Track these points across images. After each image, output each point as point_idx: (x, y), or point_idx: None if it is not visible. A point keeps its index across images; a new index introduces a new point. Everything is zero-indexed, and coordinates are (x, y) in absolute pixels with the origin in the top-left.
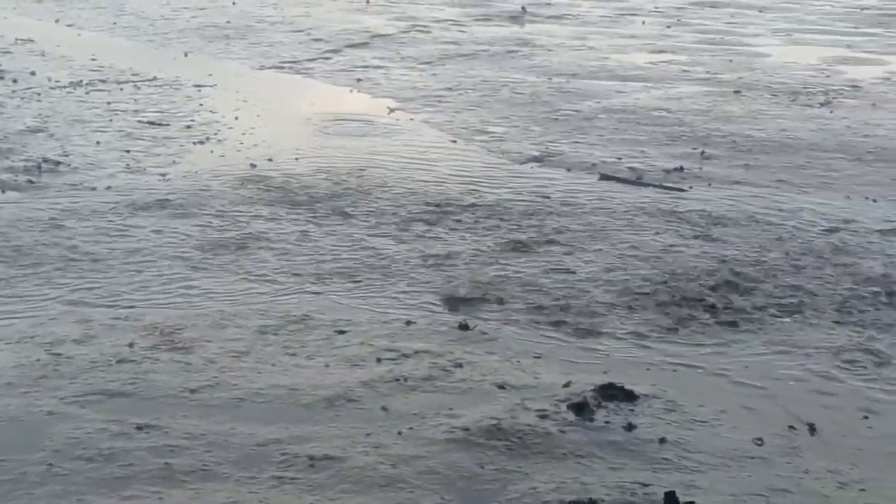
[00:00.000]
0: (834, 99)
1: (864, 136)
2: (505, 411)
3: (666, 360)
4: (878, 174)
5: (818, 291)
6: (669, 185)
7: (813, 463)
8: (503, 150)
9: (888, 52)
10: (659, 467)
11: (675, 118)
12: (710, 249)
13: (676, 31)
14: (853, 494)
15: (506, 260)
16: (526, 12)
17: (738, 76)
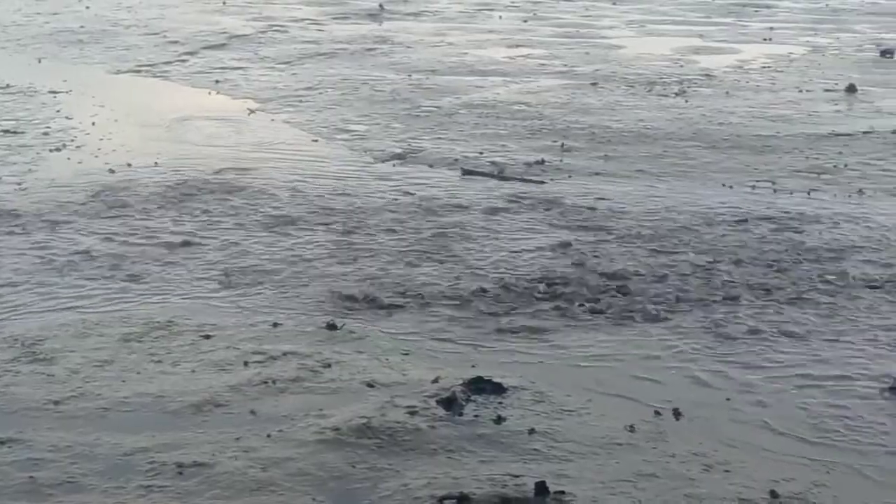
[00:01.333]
0: (688, 88)
1: (718, 124)
2: (375, 409)
3: (534, 353)
4: (732, 161)
5: (682, 281)
6: (531, 177)
7: (679, 447)
8: (365, 148)
9: (739, 41)
10: (529, 458)
11: (534, 112)
12: (577, 243)
13: (533, 24)
14: (718, 476)
15: (376, 260)
16: (384, 10)
17: (595, 68)
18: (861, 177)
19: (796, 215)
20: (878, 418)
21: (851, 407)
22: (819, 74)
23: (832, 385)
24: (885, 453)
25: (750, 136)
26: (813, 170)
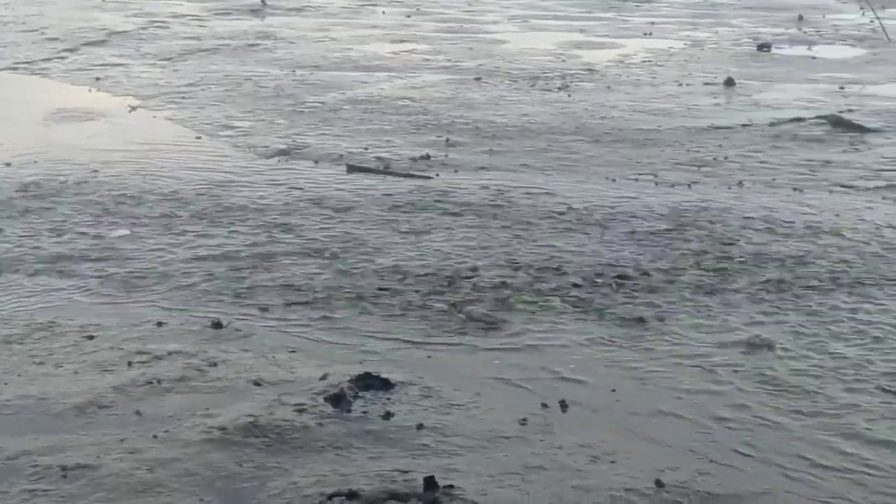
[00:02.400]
0: (571, 83)
1: (601, 119)
2: (262, 408)
3: (421, 348)
4: (615, 154)
5: (570, 274)
6: (417, 173)
7: (566, 439)
8: (249, 145)
9: (620, 36)
10: (418, 453)
11: (419, 107)
12: (466, 238)
13: (416, 20)
14: (605, 467)
15: (264, 256)
16: (266, 5)
17: (479, 63)
18: (741, 169)
19: (681, 207)
20: (761, 397)
21: (731, 394)
22: (698, 68)
23: (712, 373)
24: (762, 447)
25: (632, 129)
26: (694, 162)
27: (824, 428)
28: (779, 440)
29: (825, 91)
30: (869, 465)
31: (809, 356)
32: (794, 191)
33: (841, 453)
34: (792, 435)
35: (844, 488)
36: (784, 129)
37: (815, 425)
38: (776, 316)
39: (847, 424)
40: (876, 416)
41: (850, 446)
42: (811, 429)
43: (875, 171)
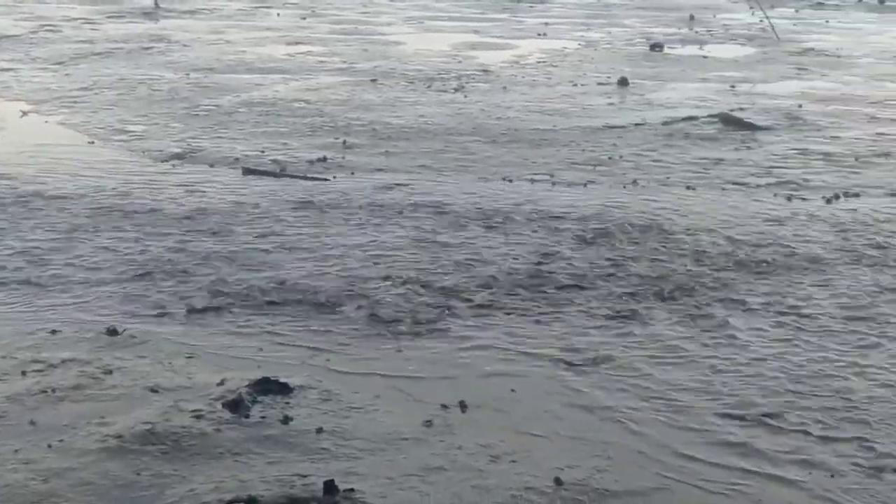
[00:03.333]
0: (467, 84)
1: (497, 119)
2: (159, 415)
3: (319, 352)
4: (511, 154)
5: (473, 277)
6: (314, 175)
7: (466, 439)
8: (144, 149)
9: (515, 37)
10: (317, 457)
11: (315, 109)
12: (362, 239)
13: (311, 22)
14: (504, 467)
15: (161, 262)
16: (159, 8)
17: (375, 65)
18: (635, 167)
19: (570, 206)
20: (650, 403)
21: (614, 391)
22: (592, 68)
23: (606, 371)
24: (657, 443)
25: (528, 129)
26: (589, 162)
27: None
28: (674, 437)
29: (717, 90)
30: (760, 458)
31: (700, 352)
32: (688, 189)
33: (730, 446)
34: (686, 431)
35: (738, 481)
36: (677, 128)
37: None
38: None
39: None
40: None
41: (739, 441)
42: (704, 425)
43: (766, 169)
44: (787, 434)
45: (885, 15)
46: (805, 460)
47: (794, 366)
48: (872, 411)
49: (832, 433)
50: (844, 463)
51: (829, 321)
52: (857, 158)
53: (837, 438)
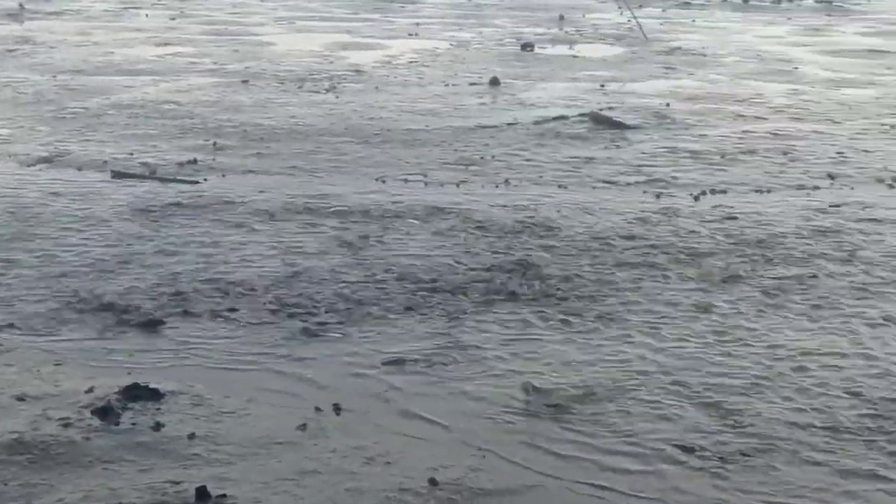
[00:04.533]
0: (339, 84)
1: (369, 119)
2: (26, 424)
3: (191, 356)
4: (384, 155)
5: (329, 282)
6: (184, 178)
7: (340, 442)
8: (9, 153)
9: (387, 37)
10: (189, 463)
11: (185, 111)
12: (238, 242)
13: (181, 22)
14: (379, 469)
15: (27, 267)
16: (24, 9)
17: (246, 66)
18: (507, 167)
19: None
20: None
21: (487, 396)
22: (464, 69)
23: (473, 373)
24: (520, 442)
25: (400, 130)
26: (461, 161)
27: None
28: (549, 434)
29: (587, 89)
30: (633, 452)
31: (568, 348)
32: (560, 188)
33: (601, 446)
34: (562, 431)
35: (611, 478)
36: (548, 128)
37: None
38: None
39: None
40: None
41: (611, 433)
42: (577, 423)
43: (635, 167)
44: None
45: (749, 14)
46: (667, 454)
47: (657, 362)
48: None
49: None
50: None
51: (685, 313)
52: (723, 156)
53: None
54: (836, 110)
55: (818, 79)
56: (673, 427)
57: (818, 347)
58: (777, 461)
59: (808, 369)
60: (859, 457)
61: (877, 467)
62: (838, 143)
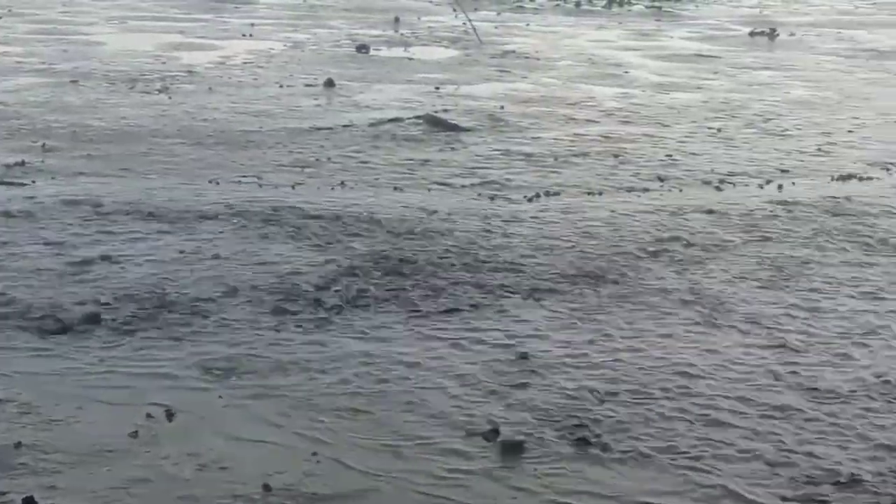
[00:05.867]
0: (172, 85)
1: (203, 121)
2: None
3: (20, 363)
4: (218, 157)
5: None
6: (11, 180)
7: (173, 449)
8: None
9: (221, 38)
10: (16, 473)
11: (12, 111)
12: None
13: (8, 21)
14: (212, 475)
15: None
16: None
17: (75, 66)
18: (342, 169)
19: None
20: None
21: (321, 403)
22: (299, 70)
23: (331, 378)
24: (355, 445)
25: (234, 131)
26: (297, 164)
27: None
28: (385, 436)
29: (422, 91)
30: (460, 457)
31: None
32: (395, 190)
33: (438, 448)
34: (392, 436)
35: (433, 480)
36: (384, 130)
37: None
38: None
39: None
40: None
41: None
42: (413, 429)
43: (470, 169)
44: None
45: (582, 18)
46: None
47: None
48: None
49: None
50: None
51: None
52: (556, 158)
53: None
54: (665, 114)
55: (647, 83)
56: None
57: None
58: None
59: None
60: None
61: None
62: (667, 146)
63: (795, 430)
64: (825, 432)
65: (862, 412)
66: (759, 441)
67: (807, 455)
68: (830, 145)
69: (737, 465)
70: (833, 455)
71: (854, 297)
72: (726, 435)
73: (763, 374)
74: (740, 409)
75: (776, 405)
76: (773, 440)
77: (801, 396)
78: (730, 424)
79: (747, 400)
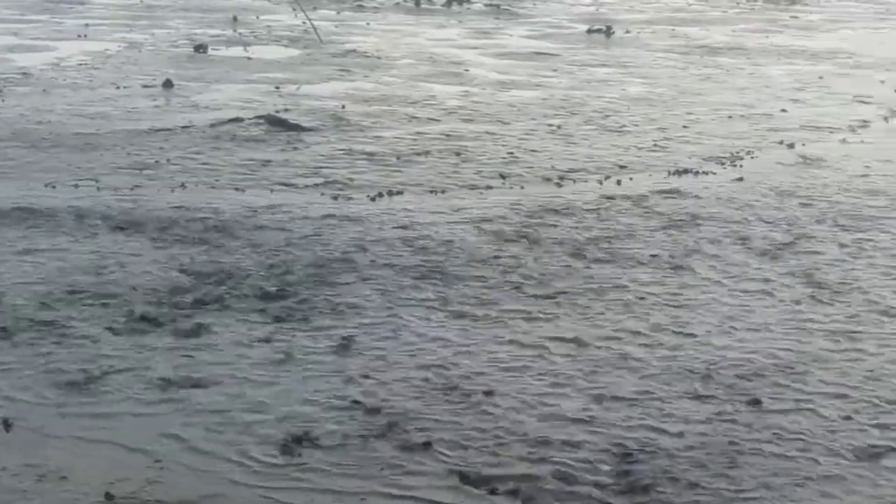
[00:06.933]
0: (5, 87)
1: (37, 123)
2: None
3: None
4: (54, 160)
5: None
6: None
7: (10, 460)
8: None
9: (55, 39)
10: None
11: None
12: None
13: None
14: (51, 485)
15: None
16: None
17: None
18: (182, 171)
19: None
20: (200, 417)
21: (164, 412)
22: (136, 70)
23: (147, 387)
24: (199, 451)
25: (70, 134)
26: (135, 166)
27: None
28: (225, 445)
29: (262, 91)
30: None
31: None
32: (237, 190)
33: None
34: (234, 445)
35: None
36: (224, 130)
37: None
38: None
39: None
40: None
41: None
42: (257, 437)
43: (313, 169)
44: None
45: (422, 17)
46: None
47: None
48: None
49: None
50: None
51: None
52: (398, 157)
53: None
54: (506, 112)
55: (488, 81)
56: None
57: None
58: None
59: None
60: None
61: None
62: (508, 143)
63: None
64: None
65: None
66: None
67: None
68: (667, 140)
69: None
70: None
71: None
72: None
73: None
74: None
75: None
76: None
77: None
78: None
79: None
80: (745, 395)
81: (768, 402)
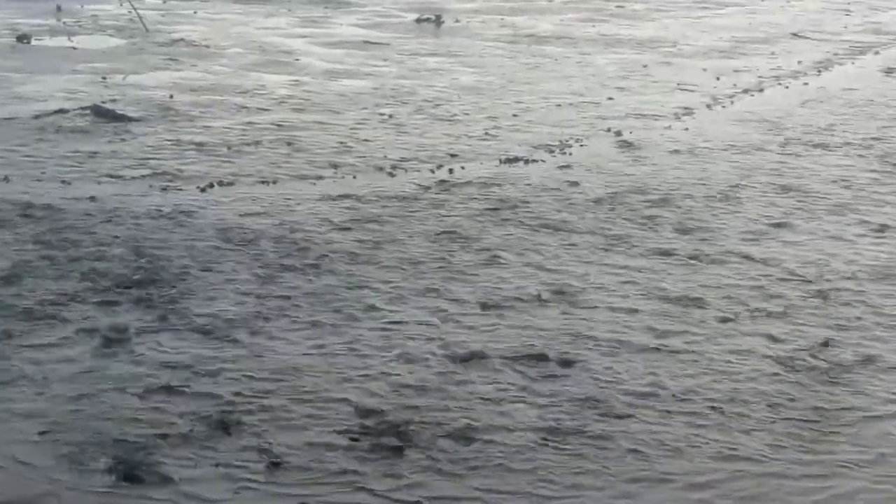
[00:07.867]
0: None
1: None
2: None
3: None
4: None
5: None
6: None
7: None
8: None
9: None
10: None
11: None
12: None
13: None
14: None
15: None
16: None
17: None
18: (6, 164)
19: None
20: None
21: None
22: None
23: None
24: (46, 452)
25: None
26: None
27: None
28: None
29: (88, 81)
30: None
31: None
32: (63, 183)
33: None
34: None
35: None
36: (48, 122)
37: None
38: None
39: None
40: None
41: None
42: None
43: (140, 160)
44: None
45: (250, 6)
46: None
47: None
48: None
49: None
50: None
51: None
52: (229, 147)
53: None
54: (337, 101)
55: (318, 70)
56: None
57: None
58: None
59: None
60: None
61: None
62: (340, 133)
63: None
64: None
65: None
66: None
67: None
68: (497, 129)
69: None
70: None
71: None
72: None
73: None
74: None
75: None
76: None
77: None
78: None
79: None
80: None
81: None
